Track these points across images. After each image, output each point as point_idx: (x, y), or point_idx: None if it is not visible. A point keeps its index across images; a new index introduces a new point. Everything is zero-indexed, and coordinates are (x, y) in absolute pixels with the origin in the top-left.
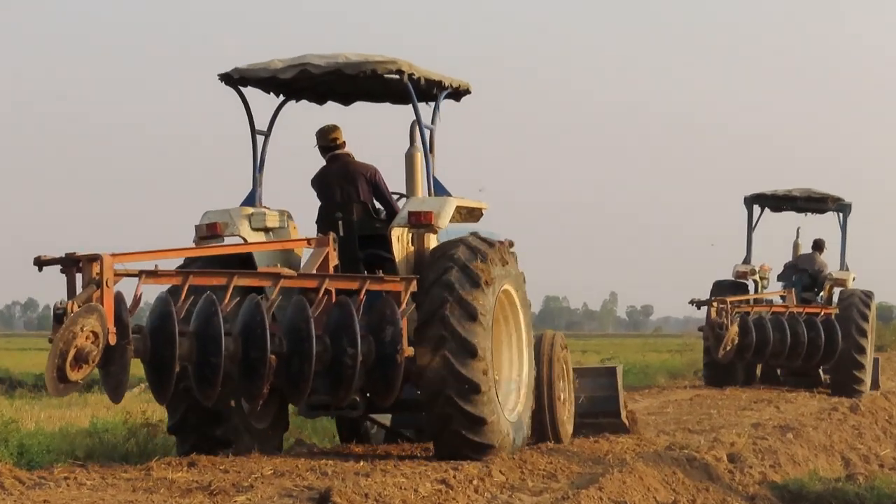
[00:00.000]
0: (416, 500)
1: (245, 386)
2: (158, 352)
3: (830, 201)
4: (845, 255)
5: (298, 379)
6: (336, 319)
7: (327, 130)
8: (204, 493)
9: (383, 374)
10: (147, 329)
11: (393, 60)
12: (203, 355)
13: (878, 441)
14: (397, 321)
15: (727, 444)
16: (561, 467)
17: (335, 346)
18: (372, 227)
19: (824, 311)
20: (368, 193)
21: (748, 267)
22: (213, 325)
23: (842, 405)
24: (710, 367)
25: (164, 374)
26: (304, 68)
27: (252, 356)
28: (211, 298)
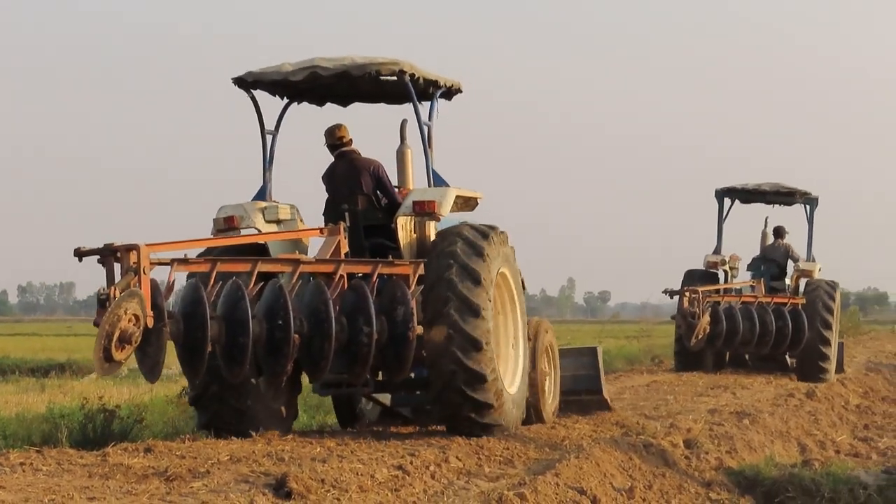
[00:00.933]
0: (372, 486)
1: (270, 364)
2: (191, 334)
3: (798, 195)
4: (812, 246)
5: (319, 357)
6: (352, 301)
7: (335, 129)
8: (160, 479)
9: (396, 351)
10: (179, 313)
11: (395, 61)
12: (232, 336)
13: (834, 427)
14: (408, 301)
15: (684, 430)
16: (518, 453)
17: (352, 326)
18: (376, 217)
19: (791, 301)
20: (373, 186)
21: (719, 257)
22: (241, 309)
23: (798, 391)
24: (680, 353)
25: (196, 355)
26: (313, 70)
27: (277, 336)
28: (238, 284)
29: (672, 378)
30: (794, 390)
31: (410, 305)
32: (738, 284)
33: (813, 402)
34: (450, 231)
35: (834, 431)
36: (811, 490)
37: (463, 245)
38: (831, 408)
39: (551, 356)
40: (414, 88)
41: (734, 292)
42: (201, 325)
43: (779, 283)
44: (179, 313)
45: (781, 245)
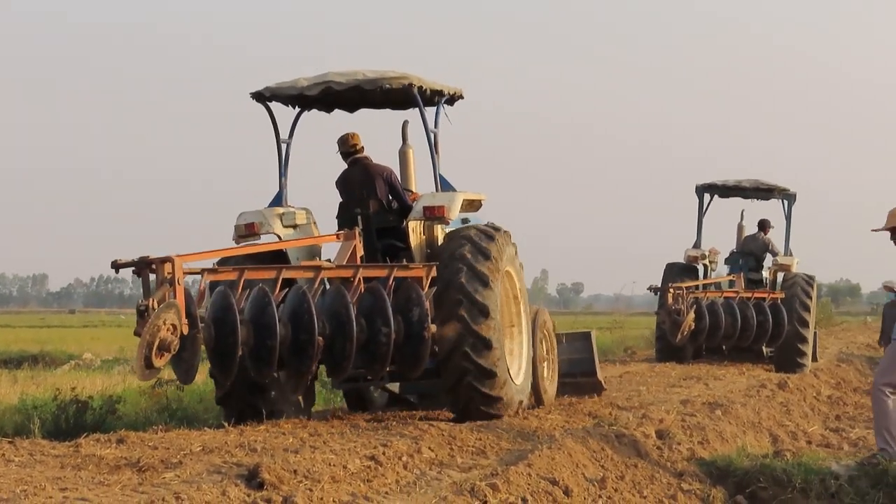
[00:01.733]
0: (345, 477)
1: (296, 365)
2: (222, 339)
3: (777, 191)
4: (789, 240)
5: (341, 357)
6: (370, 303)
7: (348, 138)
8: (132, 470)
9: (413, 349)
10: (210, 319)
11: (405, 76)
12: (260, 340)
13: (806, 418)
14: (423, 302)
15: (656, 421)
16: (490, 444)
17: (371, 326)
18: (387, 220)
19: (771, 295)
20: (385, 191)
21: (699, 251)
22: (268, 314)
23: (770, 382)
24: (661, 345)
25: (227, 359)
26: (327, 85)
27: (302, 339)
28: (264, 290)
29: (645, 369)
30: (766, 381)
31: (425, 307)
32: (719, 279)
33: (785, 393)
34: (458, 234)
35: (806, 422)
36: (783, 480)
37: (471, 248)
38: (803, 399)
39: (549, 342)
40: (420, 98)
41: (713, 287)
42: (232, 330)
43: (756, 274)
44: (210, 319)
45: (762, 238)
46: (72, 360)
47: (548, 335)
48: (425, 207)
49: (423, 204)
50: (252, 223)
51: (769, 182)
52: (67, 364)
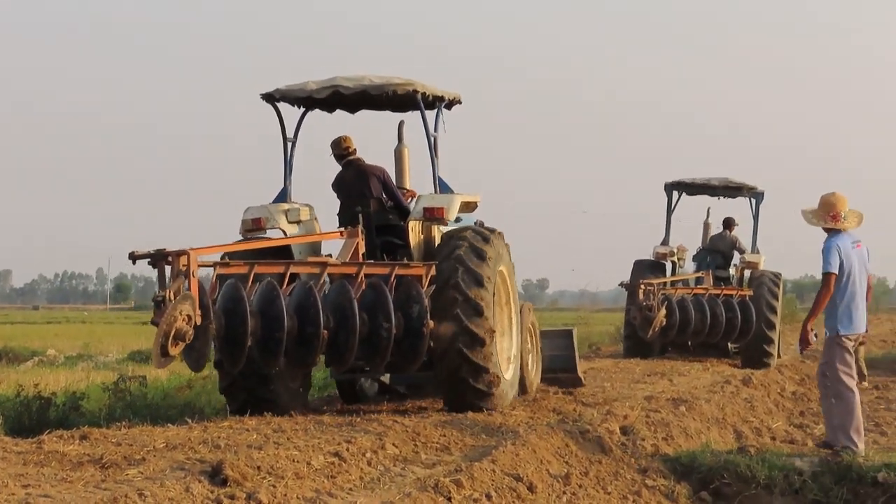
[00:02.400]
0: (308, 473)
1: (301, 356)
2: (232, 329)
3: (746, 189)
4: (756, 238)
5: (344, 350)
6: (372, 299)
7: (341, 141)
8: (95, 467)
9: (412, 344)
10: (221, 310)
11: (409, 82)
12: (268, 331)
13: (770, 414)
14: (422, 299)
15: (620, 417)
16: (454, 440)
17: (372, 321)
18: (385, 218)
19: (739, 292)
20: (380, 190)
21: (667, 248)
22: (277, 306)
23: (735, 378)
24: (630, 339)
25: (236, 349)
26: (335, 89)
27: (308, 331)
28: (273, 284)
29: (609, 365)
30: (730, 377)
31: (424, 304)
32: (687, 276)
33: (749, 389)
34: (455, 235)
35: (770, 418)
36: (746, 476)
37: (467, 249)
38: (767, 395)
39: (533, 336)
40: (422, 102)
41: (681, 284)
42: (242, 321)
43: (723, 271)
44: (221, 310)
45: (729, 236)
46: (35, 356)
47: (532, 329)
48: (425, 208)
49: (423, 205)
50: (258, 218)
51: (738, 180)
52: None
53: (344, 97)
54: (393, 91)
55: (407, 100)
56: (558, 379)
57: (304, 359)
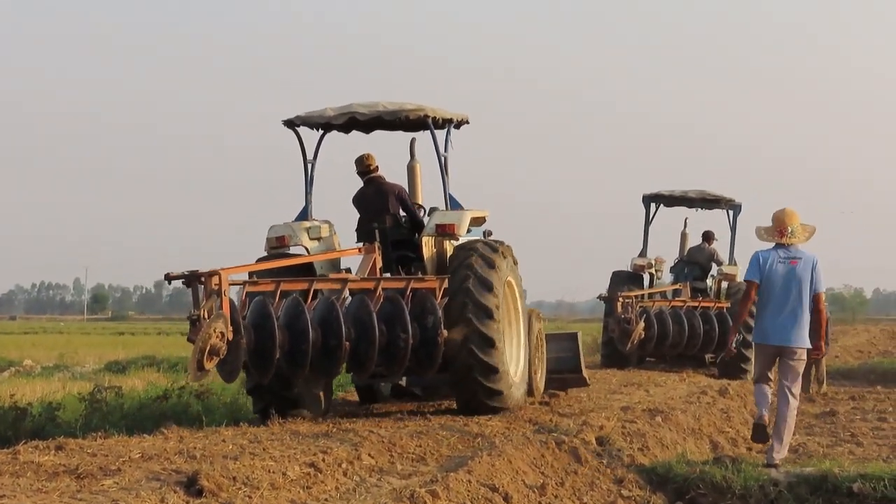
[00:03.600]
0: (284, 483)
1: (325, 366)
2: (262, 344)
3: (724, 202)
4: (734, 250)
5: (365, 359)
6: (390, 311)
7: (364, 158)
8: (71, 477)
9: (427, 352)
10: (251, 325)
11: (420, 108)
12: (295, 344)
13: (746, 424)
14: (436, 310)
15: (596, 428)
16: (430, 450)
17: (391, 332)
18: (401, 233)
19: (717, 305)
20: (398, 207)
21: (645, 260)
22: (302, 321)
23: (711, 389)
24: (608, 351)
25: (266, 361)
26: (352, 115)
27: (331, 343)
28: (298, 300)
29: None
30: (706, 388)
31: (439, 314)
32: (665, 288)
33: (725, 400)
34: (466, 246)
35: (746, 429)
36: (722, 487)
37: (478, 258)
38: (744, 405)
39: (540, 341)
40: (433, 125)
41: (659, 296)
42: (271, 335)
43: (700, 283)
44: (251, 325)
45: (708, 249)
46: (12, 366)
47: (539, 334)
48: (437, 225)
49: (435, 221)
50: (283, 236)
51: (715, 192)
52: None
53: (359, 123)
54: (405, 116)
55: (418, 123)
56: (564, 379)
57: (328, 369)
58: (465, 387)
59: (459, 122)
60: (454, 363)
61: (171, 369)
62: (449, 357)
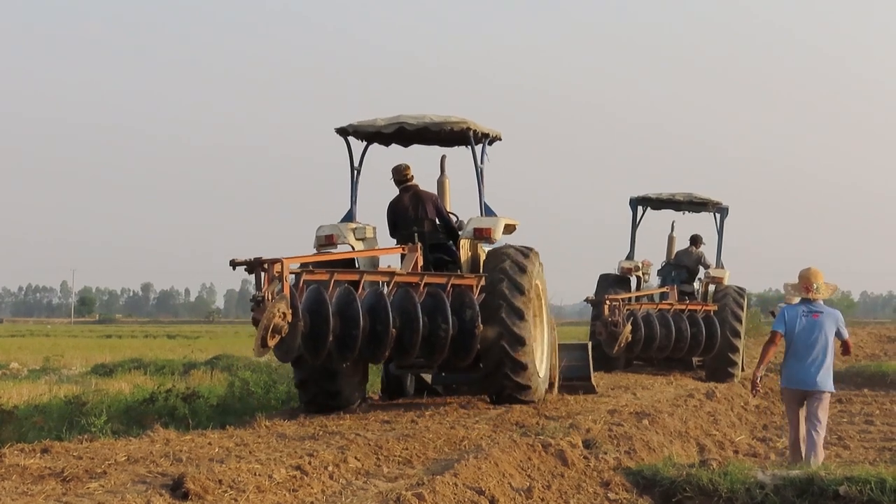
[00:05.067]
0: (270, 486)
1: (372, 351)
2: (316, 327)
3: (711, 205)
4: (721, 253)
5: (409, 346)
6: (433, 304)
7: (402, 169)
8: (56, 480)
9: (464, 343)
10: (306, 310)
11: (464, 121)
12: (346, 329)
13: (733, 427)
14: (474, 305)
15: (583, 431)
16: (416, 453)
17: (432, 323)
18: (437, 237)
19: (704, 308)
20: (434, 213)
21: (632, 263)
22: (354, 308)
23: (698, 392)
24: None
25: (320, 344)
26: (401, 126)
27: (378, 330)
28: (350, 289)
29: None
30: (693, 391)
31: (476, 308)
32: (652, 291)
33: (712, 403)
34: (499, 251)
35: (733, 431)
36: (709, 490)
37: (510, 263)
38: (731, 408)
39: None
40: (473, 139)
41: (645, 299)
42: (325, 320)
43: (687, 286)
44: (307, 310)
45: (695, 252)
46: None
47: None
48: (475, 228)
49: (473, 226)
50: (331, 234)
51: (702, 195)
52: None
53: (407, 132)
54: (450, 128)
55: (461, 136)
56: (574, 386)
57: (375, 354)
58: (495, 381)
59: (494, 138)
60: (487, 359)
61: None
62: (482, 353)
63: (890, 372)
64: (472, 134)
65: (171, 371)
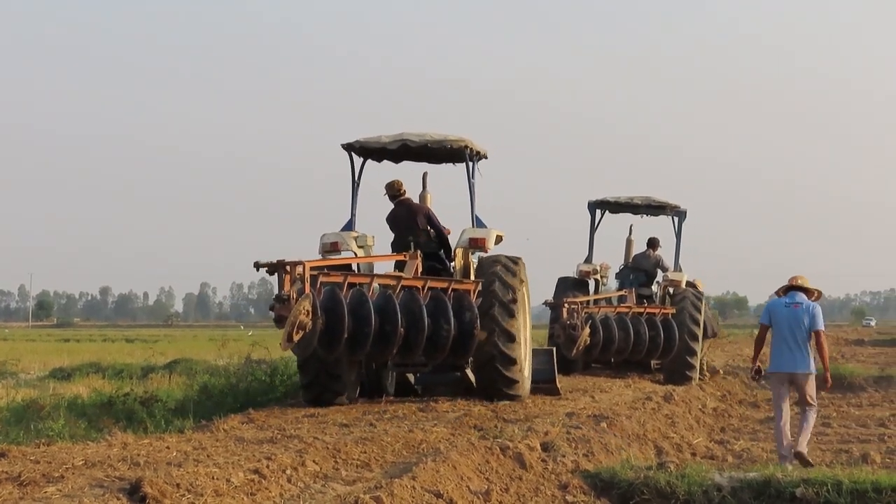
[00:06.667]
0: (228, 490)
1: (381, 348)
2: (332, 325)
3: (669, 209)
4: (679, 256)
5: (414, 345)
6: (435, 306)
7: (395, 184)
8: (13, 484)
9: (463, 343)
10: (323, 309)
11: (462, 139)
12: (359, 327)
13: (691, 430)
14: (473, 308)
15: (541, 434)
16: (374, 456)
17: (435, 324)
18: (430, 247)
19: (662, 311)
20: (426, 224)
21: (591, 266)
22: (366, 308)
23: (656, 394)
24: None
25: (335, 340)
26: (404, 143)
27: (387, 329)
28: (362, 291)
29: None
30: (651, 393)
31: (475, 311)
32: (610, 294)
33: (670, 406)
34: (491, 258)
35: (691, 434)
36: (666, 492)
37: (502, 268)
38: (688, 411)
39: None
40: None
41: (604, 302)
42: (341, 319)
43: (646, 289)
44: (323, 309)
45: (653, 256)
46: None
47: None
48: (471, 238)
49: (468, 236)
50: (335, 242)
51: (661, 199)
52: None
53: (409, 149)
54: (449, 146)
55: (458, 153)
56: (540, 388)
57: (383, 351)
58: (487, 375)
59: (483, 156)
60: (479, 353)
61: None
62: (475, 348)
63: (847, 375)
64: (468, 152)
65: (129, 375)
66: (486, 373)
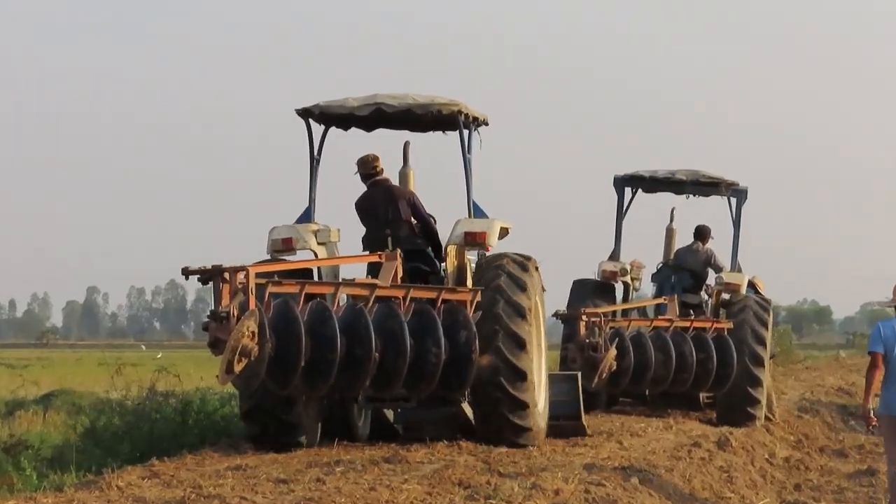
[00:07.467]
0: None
1: (349, 379)
2: (285, 349)
3: (724, 187)
4: (737, 251)
5: (393, 375)
6: (421, 324)
7: (369, 160)
8: None
9: (458, 371)
10: (273, 329)
11: (454, 102)
12: (320, 353)
13: (755, 488)
14: (471, 326)
15: (550, 493)
16: None
17: (420, 347)
18: (414, 243)
19: (715, 325)
20: (409, 213)
21: (618, 265)
22: (330, 327)
23: (706, 439)
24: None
25: (289, 369)
26: (378, 107)
27: (358, 354)
28: (324, 304)
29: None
30: (700, 438)
31: (473, 330)
32: (645, 302)
33: (726, 454)
34: (493, 264)
35: (754, 494)
36: None
37: (507, 279)
38: (751, 461)
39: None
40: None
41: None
42: (296, 341)
43: (693, 296)
44: (273, 329)
45: (702, 251)
46: None
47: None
48: (466, 233)
49: (463, 229)
50: (289, 238)
51: (712, 174)
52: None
53: (385, 115)
54: (437, 111)
55: (448, 120)
56: (560, 426)
57: (352, 383)
58: (490, 422)
59: (482, 122)
60: (479, 394)
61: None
62: (475, 386)
63: None
64: (462, 118)
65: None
66: (490, 421)
